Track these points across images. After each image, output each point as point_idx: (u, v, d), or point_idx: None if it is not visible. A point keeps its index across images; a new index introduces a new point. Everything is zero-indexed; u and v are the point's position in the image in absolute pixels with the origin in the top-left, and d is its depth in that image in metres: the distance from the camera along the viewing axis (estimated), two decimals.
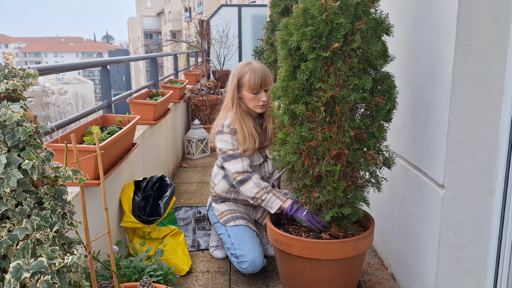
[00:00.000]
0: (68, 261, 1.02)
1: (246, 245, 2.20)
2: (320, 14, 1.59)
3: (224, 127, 2.28)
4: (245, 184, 2.18)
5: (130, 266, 1.87)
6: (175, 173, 4.21)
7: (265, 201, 2.10)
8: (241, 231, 2.27)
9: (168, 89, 4.16)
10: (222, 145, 2.28)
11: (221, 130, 2.29)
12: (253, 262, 2.15)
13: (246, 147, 2.25)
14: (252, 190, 2.15)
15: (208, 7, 15.92)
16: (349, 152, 1.71)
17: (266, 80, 2.28)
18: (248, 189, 2.16)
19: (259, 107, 2.29)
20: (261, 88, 2.27)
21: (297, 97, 1.71)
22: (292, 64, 1.72)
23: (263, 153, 2.38)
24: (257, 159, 2.34)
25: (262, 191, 2.13)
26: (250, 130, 2.27)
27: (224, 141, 2.27)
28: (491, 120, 1.64)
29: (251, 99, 2.28)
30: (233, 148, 2.26)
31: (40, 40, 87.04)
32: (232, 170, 2.22)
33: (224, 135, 2.28)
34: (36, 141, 1.05)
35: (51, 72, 2.12)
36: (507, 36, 1.58)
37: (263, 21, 8.31)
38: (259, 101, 2.27)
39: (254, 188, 2.15)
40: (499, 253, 1.67)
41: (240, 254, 2.19)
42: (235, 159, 2.24)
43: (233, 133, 2.28)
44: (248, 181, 2.17)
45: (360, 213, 1.82)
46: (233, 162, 2.23)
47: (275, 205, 2.06)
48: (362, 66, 1.67)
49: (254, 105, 2.29)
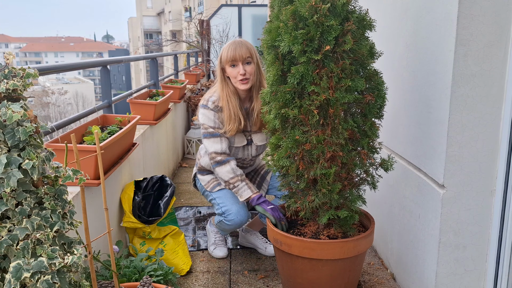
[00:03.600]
0: (68, 261, 1.02)
1: (229, 200, 2.31)
2: (310, 16, 1.58)
3: (209, 102, 2.27)
4: (222, 166, 2.24)
5: (130, 266, 1.87)
6: (175, 173, 4.22)
7: (236, 188, 2.21)
8: (226, 192, 2.35)
9: (168, 89, 4.16)
10: (203, 120, 2.28)
11: (205, 105, 2.28)
12: (238, 212, 2.26)
13: (229, 127, 2.24)
14: (227, 175, 2.23)
15: (208, 7, 15.92)
16: (344, 154, 1.71)
17: (242, 50, 2.20)
18: (224, 172, 2.23)
19: (239, 82, 2.22)
20: (236, 60, 2.20)
21: (287, 101, 1.70)
22: (280, 68, 1.71)
23: (248, 136, 2.36)
24: (239, 141, 2.33)
25: (236, 177, 2.22)
26: (236, 110, 2.24)
27: (207, 116, 2.27)
28: (491, 120, 1.64)
29: (231, 74, 2.23)
30: (214, 126, 2.26)
31: (40, 40, 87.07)
32: (211, 149, 2.25)
33: (208, 110, 2.27)
34: (36, 141, 1.05)
35: (51, 72, 2.12)
36: (507, 36, 1.58)
37: (263, 21, 8.32)
38: (238, 75, 2.21)
39: (230, 173, 2.22)
40: (499, 253, 1.67)
41: (225, 209, 2.30)
42: (214, 138, 2.26)
43: (216, 110, 2.26)
44: (226, 165, 2.23)
45: (356, 217, 1.82)
46: (212, 140, 2.26)
47: (245, 194, 2.18)
48: (354, 67, 1.67)
49: (235, 80, 2.23)
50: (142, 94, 3.48)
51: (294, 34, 1.60)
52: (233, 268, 2.38)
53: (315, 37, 1.59)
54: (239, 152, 2.37)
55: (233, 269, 2.37)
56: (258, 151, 2.43)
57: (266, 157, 1.93)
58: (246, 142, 2.36)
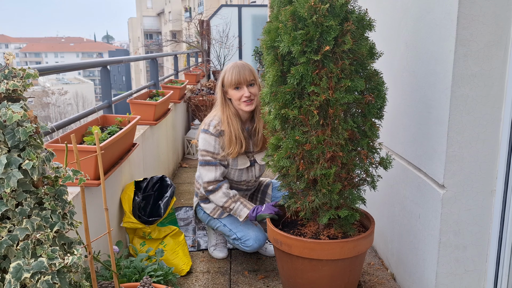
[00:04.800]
0: (69, 261, 1.02)
1: (244, 226, 2.31)
2: (309, 16, 1.58)
3: (211, 127, 2.26)
4: (215, 193, 2.26)
5: (130, 266, 1.87)
6: (175, 173, 4.22)
7: (233, 210, 2.25)
8: (235, 218, 2.33)
9: (168, 89, 4.16)
10: (203, 145, 2.27)
11: (206, 129, 2.27)
12: (257, 237, 2.26)
13: (231, 150, 2.23)
14: (221, 200, 2.25)
15: (208, 7, 15.91)
16: (344, 154, 1.71)
17: (245, 73, 2.22)
18: (217, 198, 2.26)
19: (244, 104, 2.23)
20: (241, 83, 2.22)
21: (287, 102, 1.70)
22: (280, 69, 1.71)
23: (251, 157, 2.36)
24: (242, 163, 2.32)
25: (230, 200, 2.24)
26: (238, 133, 2.24)
27: (207, 142, 2.26)
28: (491, 120, 1.64)
29: (235, 97, 2.24)
30: (213, 151, 2.25)
31: (40, 40, 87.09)
32: (205, 178, 2.27)
33: (208, 135, 2.25)
34: (36, 141, 1.05)
35: (51, 72, 2.12)
36: (507, 36, 1.58)
37: (263, 21, 8.32)
38: (243, 97, 2.22)
39: (222, 197, 2.24)
40: (499, 253, 1.66)
41: (241, 235, 2.28)
42: (209, 166, 2.25)
43: (217, 135, 2.25)
44: (218, 191, 2.25)
45: (356, 216, 1.82)
46: (207, 168, 2.26)
47: (243, 214, 2.23)
48: (354, 67, 1.67)
49: (239, 101, 2.24)
50: (142, 95, 3.48)
51: (293, 35, 1.60)
52: (233, 268, 2.38)
53: (315, 37, 1.59)
54: (243, 174, 2.36)
55: (233, 269, 2.37)
56: (262, 171, 2.43)
57: (266, 158, 1.93)
58: (249, 164, 2.35)
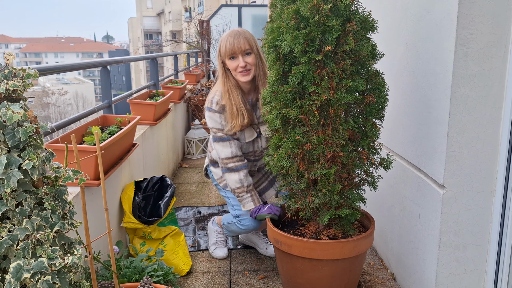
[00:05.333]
0: (69, 261, 1.02)
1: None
2: (312, 16, 1.58)
3: (213, 104, 2.24)
4: (231, 174, 2.23)
5: (130, 266, 1.87)
6: (175, 173, 4.22)
7: (240, 197, 2.24)
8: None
9: (168, 89, 4.16)
10: (211, 123, 2.27)
11: (209, 107, 2.25)
12: (254, 220, 2.25)
13: (233, 123, 2.20)
14: (234, 184, 2.23)
15: (208, 7, 15.92)
16: (344, 154, 1.71)
17: (240, 42, 2.15)
18: (232, 180, 2.24)
19: (240, 74, 2.18)
20: (235, 53, 2.16)
21: (288, 101, 1.70)
22: (282, 68, 1.71)
23: (256, 129, 2.31)
24: (248, 135, 2.29)
25: (243, 188, 2.23)
26: (239, 105, 2.19)
27: (213, 120, 2.25)
28: (491, 120, 1.64)
29: (231, 67, 2.19)
30: (222, 128, 2.24)
31: (40, 40, 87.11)
32: (222, 154, 2.24)
33: (212, 113, 2.24)
34: (37, 142, 1.05)
35: (52, 72, 2.12)
36: (507, 36, 1.58)
37: (263, 21, 8.31)
38: (238, 67, 2.16)
39: (237, 182, 2.23)
40: (500, 253, 1.66)
41: (239, 213, 2.29)
42: (223, 142, 2.24)
43: (221, 111, 2.23)
44: (235, 173, 2.23)
45: (357, 214, 1.82)
46: (222, 144, 2.24)
47: (247, 206, 2.22)
48: (355, 67, 1.67)
49: (235, 72, 2.19)
50: (142, 95, 3.48)
51: (295, 34, 1.60)
52: (233, 268, 2.38)
53: (316, 37, 1.59)
54: (250, 146, 2.33)
55: (233, 269, 2.37)
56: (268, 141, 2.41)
57: (266, 158, 1.93)
58: (256, 135, 2.32)
